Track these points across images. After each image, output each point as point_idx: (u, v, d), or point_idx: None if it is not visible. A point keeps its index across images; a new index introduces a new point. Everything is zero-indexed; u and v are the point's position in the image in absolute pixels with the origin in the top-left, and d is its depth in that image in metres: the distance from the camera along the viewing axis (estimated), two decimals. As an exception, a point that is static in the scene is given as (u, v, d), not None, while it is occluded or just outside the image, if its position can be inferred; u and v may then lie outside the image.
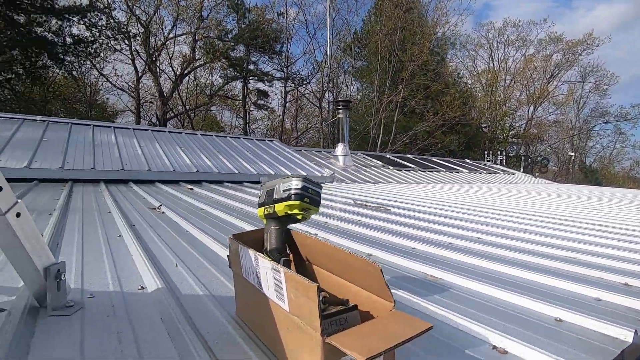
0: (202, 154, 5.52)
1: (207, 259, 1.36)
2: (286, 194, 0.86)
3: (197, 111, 19.03)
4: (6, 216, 0.71)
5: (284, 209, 0.86)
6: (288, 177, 0.88)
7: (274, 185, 0.91)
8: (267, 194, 0.92)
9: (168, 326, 0.82)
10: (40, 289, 0.84)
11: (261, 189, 0.96)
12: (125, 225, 1.85)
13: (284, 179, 0.89)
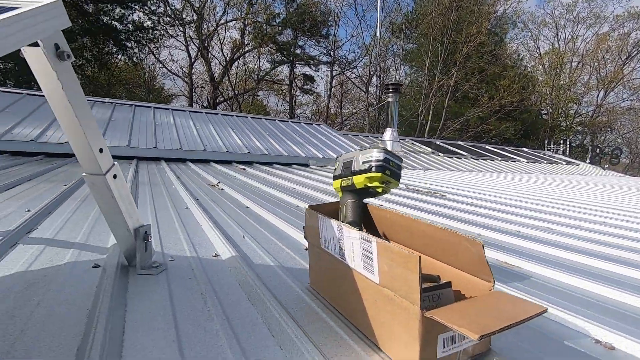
0: (252, 136, 5.66)
1: (271, 233, 1.38)
2: (366, 165, 0.82)
3: (245, 96, 19.53)
4: (106, 176, 0.75)
5: (363, 181, 0.83)
6: (368, 149, 0.84)
7: (351, 157, 0.88)
8: (344, 166, 0.89)
9: (246, 291, 0.83)
10: (129, 249, 0.90)
11: (336, 162, 0.93)
12: (190, 198, 1.94)
13: (364, 151, 0.85)
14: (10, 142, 3.54)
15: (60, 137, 3.88)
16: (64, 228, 1.25)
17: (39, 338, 0.59)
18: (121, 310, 0.70)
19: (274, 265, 1.02)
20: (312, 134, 6.69)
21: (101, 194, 0.78)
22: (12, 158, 3.29)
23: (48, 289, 0.77)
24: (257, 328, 0.68)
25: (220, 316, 0.70)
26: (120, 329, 0.64)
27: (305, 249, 1.20)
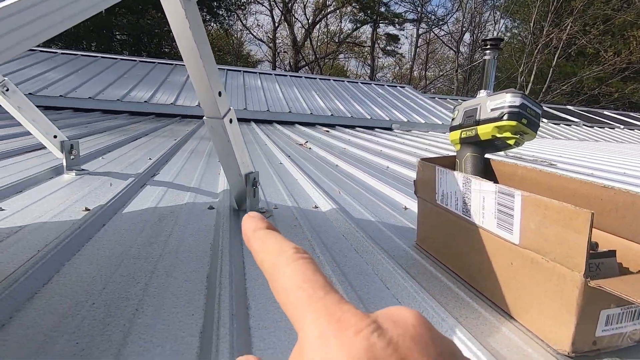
0: (335, 98, 5.60)
1: (366, 190, 1.34)
2: (497, 112, 0.71)
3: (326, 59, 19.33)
4: (223, 120, 0.78)
5: (490, 131, 0.72)
6: (499, 93, 0.72)
7: (476, 104, 0.76)
8: (465, 115, 0.79)
9: (352, 243, 0.81)
10: (240, 193, 0.94)
11: (455, 110, 0.83)
12: (282, 155, 1.99)
13: (493, 95, 0.73)
14: (128, 103, 4.05)
15: (166, 100, 4.32)
16: (179, 174, 1.37)
17: (174, 263, 0.65)
18: (239, 247, 0.74)
19: (374, 220, 0.98)
20: (396, 97, 6.37)
21: (219, 137, 0.81)
22: (130, 117, 3.78)
23: (176, 223, 0.85)
24: (369, 278, 0.66)
25: (331, 264, 0.69)
26: (240, 263, 0.67)
27: (405, 209, 1.14)
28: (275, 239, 0.17)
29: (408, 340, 0.13)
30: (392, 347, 0.12)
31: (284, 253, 0.16)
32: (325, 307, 0.13)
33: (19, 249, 0.66)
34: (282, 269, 0.15)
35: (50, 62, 4.97)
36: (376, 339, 0.12)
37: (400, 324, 0.13)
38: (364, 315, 0.13)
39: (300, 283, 0.14)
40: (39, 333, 0.44)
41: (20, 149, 1.58)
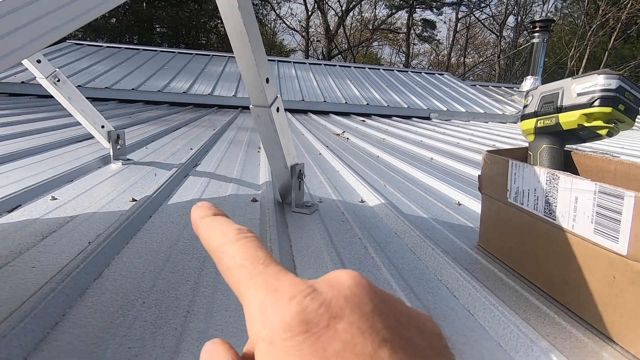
0: (370, 87, 5.46)
1: (413, 184, 1.26)
2: (585, 98, 0.61)
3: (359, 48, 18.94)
4: (270, 108, 0.73)
5: (577, 119, 0.62)
6: (588, 74, 0.62)
7: (557, 88, 0.66)
8: (542, 101, 0.69)
9: (407, 242, 0.75)
10: (284, 186, 0.90)
11: (529, 96, 0.73)
12: (320, 145, 1.94)
13: (579, 78, 0.63)
14: (168, 94, 4.16)
15: (204, 90, 4.39)
16: (220, 165, 1.36)
17: (222, 260, 0.62)
18: (287, 243, 0.70)
19: (427, 217, 0.91)
20: (434, 85, 6.11)
21: (265, 127, 0.76)
22: (170, 107, 3.87)
23: (220, 216, 0.82)
24: (432, 284, 0.59)
25: (388, 266, 0.63)
26: (291, 262, 0.63)
27: (458, 205, 1.05)
28: (220, 224, 0.17)
29: (342, 300, 0.13)
30: (324, 307, 0.12)
31: (227, 235, 0.16)
32: (264, 280, 0.14)
33: (71, 240, 0.66)
34: (225, 249, 0.15)
35: (97, 55, 5.20)
36: (309, 302, 0.12)
37: (336, 287, 0.13)
38: (300, 282, 0.13)
39: (242, 261, 0.15)
40: (91, 334, 0.42)
41: (71, 139, 1.64)
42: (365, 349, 0.12)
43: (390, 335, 0.12)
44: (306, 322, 0.12)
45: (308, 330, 0.12)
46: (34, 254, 0.60)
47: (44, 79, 1.08)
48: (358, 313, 0.12)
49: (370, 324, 0.12)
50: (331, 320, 0.12)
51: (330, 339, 0.12)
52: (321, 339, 0.12)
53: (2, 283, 0.51)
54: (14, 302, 0.47)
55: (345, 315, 0.12)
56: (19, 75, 3.97)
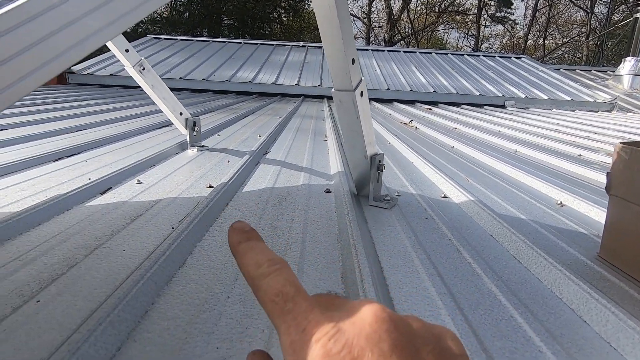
0: (437, 73, 5.13)
1: (501, 179, 1.12)
2: None
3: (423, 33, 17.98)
4: (354, 92, 0.67)
5: None
6: None
7: None
8: None
9: (507, 246, 0.65)
10: (361, 177, 0.84)
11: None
12: (388, 134, 1.84)
13: None
14: (234, 83, 4.31)
15: (268, 79, 4.47)
16: (290, 153, 1.34)
17: (302, 254, 0.58)
18: (369, 241, 0.64)
19: (526, 219, 0.78)
20: (510, 70, 5.56)
21: (347, 112, 0.70)
22: (237, 96, 4.01)
23: (295, 207, 0.79)
24: (551, 302, 0.49)
25: (490, 274, 0.54)
26: (377, 263, 0.57)
27: (561, 205, 0.90)
28: (254, 252, 0.18)
29: (362, 340, 0.14)
30: (346, 349, 0.14)
31: (260, 266, 0.17)
32: (293, 319, 0.15)
33: (156, 225, 0.67)
34: (259, 284, 0.17)
35: (172, 48, 5.56)
36: (332, 344, 0.14)
37: (357, 324, 0.14)
38: (325, 321, 0.15)
39: (273, 297, 0.16)
40: (179, 328, 0.40)
41: (152, 126, 1.75)
42: None
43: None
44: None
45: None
46: (124, 237, 0.61)
47: (131, 68, 1.13)
48: (377, 353, 0.14)
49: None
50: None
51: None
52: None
53: (97, 265, 0.52)
54: (108, 286, 0.47)
55: (365, 357, 0.13)
56: (108, 68, 4.39)
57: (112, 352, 0.36)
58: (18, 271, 0.49)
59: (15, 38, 0.36)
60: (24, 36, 0.36)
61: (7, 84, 0.36)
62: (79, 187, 0.80)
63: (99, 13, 0.38)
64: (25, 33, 0.37)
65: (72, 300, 0.44)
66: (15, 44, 0.36)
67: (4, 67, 0.34)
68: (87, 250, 0.56)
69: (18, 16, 0.36)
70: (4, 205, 0.72)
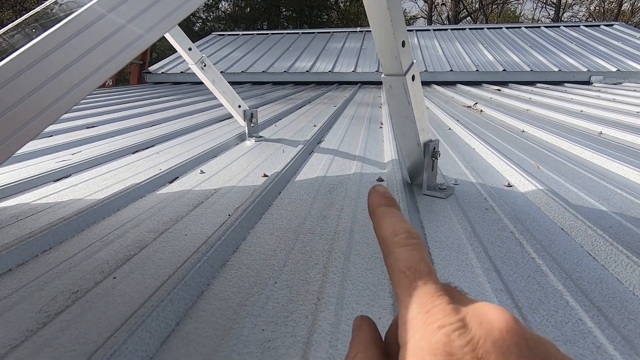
0: (507, 49, 4.67)
1: (579, 166, 1.00)
2: None
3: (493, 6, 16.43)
4: (405, 77, 0.64)
5: None
6: None
7: None
8: None
9: (581, 242, 0.58)
10: (415, 165, 0.80)
11: None
12: (449, 119, 1.73)
13: None
14: (292, 74, 4.38)
15: (325, 68, 4.47)
16: (343, 141, 1.34)
17: (350, 243, 0.58)
18: (420, 232, 0.62)
19: (608, 211, 0.69)
20: (598, 40, 4.86)
21: (397, 99, 0.68)
22: (295, 87, 4.08)
23: (346, 196, 0.79)
24: (632, 307, 0.43)
25: (557, 272, 0.49)
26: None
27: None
28: (392, 219, 0.18)
29: (489, 343, 0.14)
30: (470, 346, 0.13)
31: (396, 235, 0.17)
32: (419, 297, 0.15)
33: (214, 212, 0.72)
34: (393, 250, 0.17)
35: (234, 43, 5.82)
36: (456, 337, 0.14)
37: (485, 326, 0.14)
38: (452, 312, 0.14)
39: (404, 268, 0.16)
40: (229, 309, 0.43)
41: (215, 119, 1.86)
42: None
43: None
44: (450, 354, 0.14)
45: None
46: (186, 223, 0.67)
47: (194, 65, 1.21)
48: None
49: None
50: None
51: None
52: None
53: (163, 247, 0.58)
54: (171, 266, 0.52)
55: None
56: (179, 66, 4.76)
57: (171, 327, 0.40)
58: (100, 251, 0.57)
59: (87, 36, 0.40)
60: (93, 34, 0.40)
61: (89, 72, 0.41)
62: (151, 177, 0.88)
63: (153, 9, 0.40)
64: (96, 31, 0.41)
65: (141, 278, 0.49)
66: (87, 41, 0.40)
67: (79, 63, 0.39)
68: (155, 233, 0.63)
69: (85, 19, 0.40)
70: (92, 193, 0.83)
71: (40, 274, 0.51)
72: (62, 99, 0.39)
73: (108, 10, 0.38)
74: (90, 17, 0.38)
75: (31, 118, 0.37)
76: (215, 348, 0.37)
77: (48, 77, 0.37)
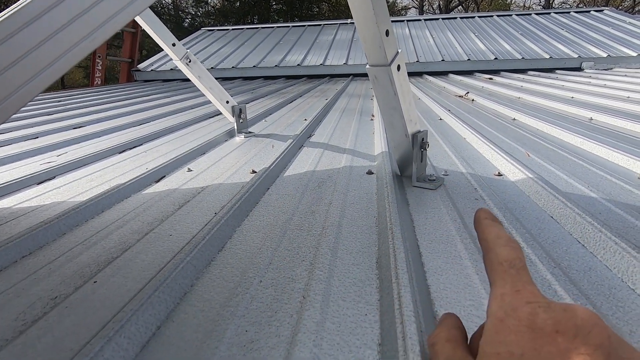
0: (499, 38, 4.66)
1: (570, 153, 1.00)
2: None
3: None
4: (390, 67, 0.62)
5: None
6: None
7: None
8: None
9: (570, 229, 0.57)
10: (404, 156, 0.79)
11: None
12: (440, 109, 1.72)
13: None
14: (283, 67, 4.34)
15: (316, 61, 4.44)
16: (334, 135, 1.32)
17: (337, 238, 0.57)
18: (409, 224, 0.61)
19: (598, 197, 0.69)
20: (588, 26, 4.86)
21: (383, 89, 0.66)
22: (286, 81, 4.04)
23: (335, 190, 0.78)
24: (623, 296, 0.42)
25: (545, 260, 0.48)
26: (415, 248, 0.54)
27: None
28: (497, 228, 0.23)
29: (571, 324, 0.16)
30: (552, 320, 0.16)
31: (499, 239, 0.22)
32: (512, 280, 0.19)
33: (201, 210, 0.71)
34: (494, 248, 0.21)
35: (224, 38, 5.75)
36: (541, 311, 0.17)
37: (569, 312, 0.17)
38: (540, 294, 0.18)
39: (502, 261, 0.20)
40: (212, 310, 0.42)
41: (204, 116, 1.84)
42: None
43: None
44: (533, 321, 0.17)
45: (533, 328, 0.16)
46: (172, 222, 0.66)
47: (179, 61, 1.19)
48: (581, 340, 0.15)
49: (588, 352, 0.15)
50: (554, 332, 0.16)
51: (548, 344, 0.16)
52: (540, 339, 0.16)
53: (147, 248, 0.56)
54: (154, 268, 0.51)
55: (568, 335, 0.16)
56: (168, 63, 4.69)
57: (151, 331, 0.39)
58: (81, 254, 0.55)
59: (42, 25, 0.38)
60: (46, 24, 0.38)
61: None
62: (137, 177, 0.87)
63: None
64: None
65: (123, 282, 0.48)
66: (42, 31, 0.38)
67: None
68: (139, 235, 0.61)
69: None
70: (75, 196, 0.81)
71: (19, 281, 0.49)
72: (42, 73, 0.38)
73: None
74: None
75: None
76: (196, 352, 0.36)
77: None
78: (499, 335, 0.17)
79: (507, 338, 0.17)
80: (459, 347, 0.21)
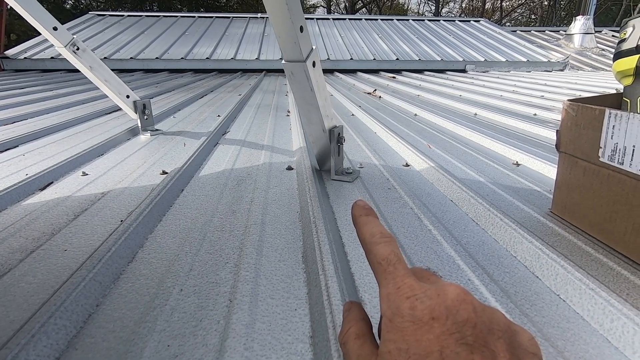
0: (399, 40, 5.09)
1: (461, 143, 1.14)
2: None
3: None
4: (306, 63, 0.63)
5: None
6: None
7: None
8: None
9: (466, 210, 0.66)
10: (322, 151, 0.81)
11: (627, 27, 0.58)
12: (352, 105, 1.81)
13: None
14: (192, 61, 4.07)
15: (227, 54, 4.26)
16: (250, 131, 1.29)
17: (262, 237, 0.56)
18: (331, 216, 0.63)
19: (484, 181, 0.80)
20: (469, 34, 5.61)
21: (300, 85, 0.67)
22: (194, 75, 3.80)
23: (255, 187, 0.76)
24: (506, 262, 0.50)
25: (449, 239, 0.55)
26: (339, 239, 0.56)
27: (517, 165, 0.93)
28: (369, 225, 0.25)
29: (442, 307, 0.19)
30: (428, 309, 0.19)
31: (373, 236, 0.23)
32: (392, 278, 0.21)
33: (103, 219, 0.62)
34: (370, 249, 0.23)
35: (119, 25, 5.14)
36: (419, 303, 0.19)
37: (441, 296, 0.19)
38: (417, 286, 0.20)
39: (380, 260, 0.22)
40: (125, 329, 0.37)
41: (100, 112, 1.62)
42: (448, 345, 0.17)
43: (474, 341, 0.18)
44: (413, 315, 0.19)
45: (414, 321, 0.19)
46: (66, 235, 0.57)
47: (63, 48, 1.02)
48: (452, 320, 0.18)
49: (458, 329, 0.18)
50: (430, 319, 0.18)
51: (426, 331, 0.18)
52: (420, 329, 0.18)
53: (35, 269, 0.48)
54: (46, 291, 0.43)
55: (441, 319, 0.18)
56: (47, 51, 4.01)
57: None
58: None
59: None
60: None
61: None
62: (13, 185, 0.72)
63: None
64: None
65: (4, 312, 0.40)
66: None
67: None
68: (22, 254, 0.51)
69: None
70: None
71: None
72: None
73: None
74: None
75: None
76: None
77: None
78: (390, 334, 0.19)
79: (395, 336, 0.18)
80: (366, 342, 0.22)
